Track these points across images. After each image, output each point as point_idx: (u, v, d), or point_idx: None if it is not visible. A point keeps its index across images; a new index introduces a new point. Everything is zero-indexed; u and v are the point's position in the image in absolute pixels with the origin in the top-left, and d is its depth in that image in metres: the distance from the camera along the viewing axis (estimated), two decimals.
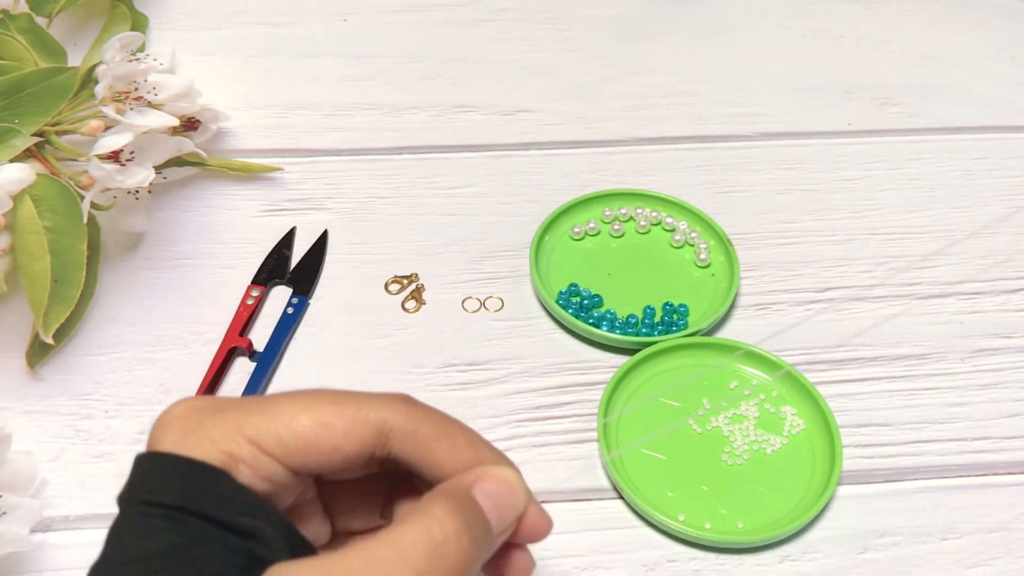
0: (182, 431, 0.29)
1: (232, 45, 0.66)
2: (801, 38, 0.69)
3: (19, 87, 0.50)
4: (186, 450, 0.29)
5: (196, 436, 0.29)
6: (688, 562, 0.42)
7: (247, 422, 0.29)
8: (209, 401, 0.31)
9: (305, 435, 0.29)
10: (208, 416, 0.30)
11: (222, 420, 0.29)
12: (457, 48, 0.67)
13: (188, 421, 0.30)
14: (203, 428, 0.29)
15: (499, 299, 0.52)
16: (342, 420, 0.30)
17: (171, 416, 0.30)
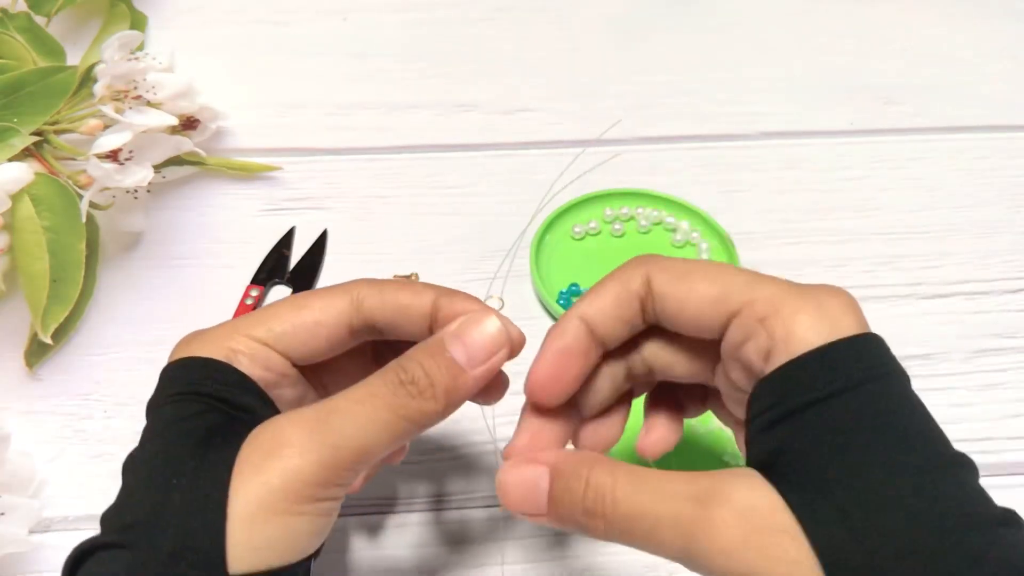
0: (186, 343, 0.34)
1: (231, 44, 0.66)
2: (803, 37, 0.69)
3: (18, 86, 0.50)
4: (190, 353, 0.34)
5: (199, 342, 0.34)
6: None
7: (241, 324, 0.34)
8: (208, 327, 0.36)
9: (288, 318, 0.34)
10: (207, 330, 0.35)
11: (221, 327, 0.35)
12: (457, 48, 0.67)
13: (191, 337, 0.35)
14: (204, 335, 0.34)
15: (499, 299, 0.52)
16: (319, 300, 0.35)
17: (178, 342, 0.35)
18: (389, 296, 0.35)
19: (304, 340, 0.34)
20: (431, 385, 0.32)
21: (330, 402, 0.32)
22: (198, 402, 0.32)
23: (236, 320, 0.35)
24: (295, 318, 0.34)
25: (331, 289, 0.35)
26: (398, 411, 0.31)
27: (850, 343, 0.30)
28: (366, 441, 0.31)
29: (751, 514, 0.29)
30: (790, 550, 0.28)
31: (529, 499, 0.32)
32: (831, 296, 0.31)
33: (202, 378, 0.33)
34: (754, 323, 0.31)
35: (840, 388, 0.30)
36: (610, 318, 0.34)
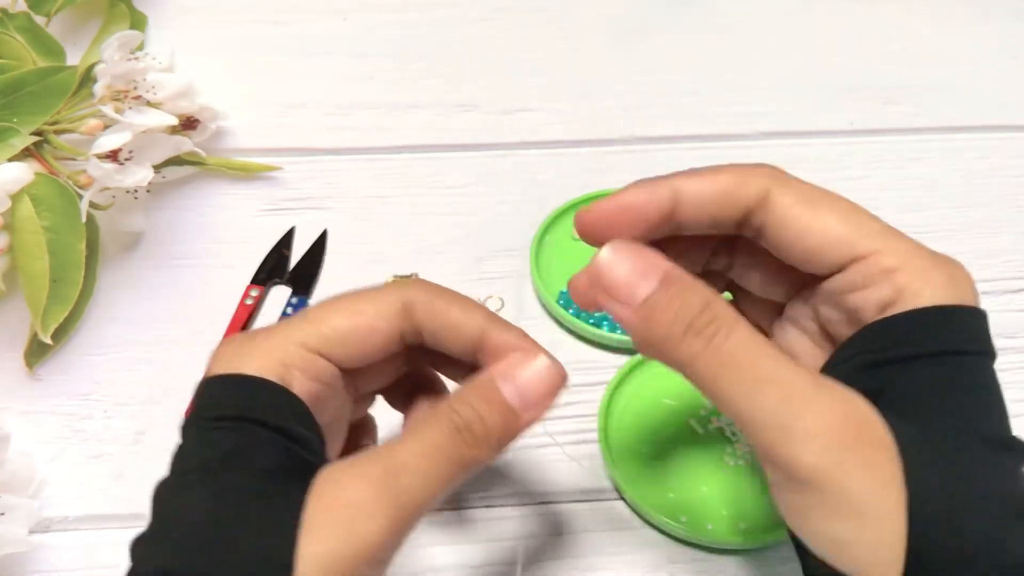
0: (233, 353, 0.32)
1: (231, 44, 0.66)
2: (803, 37, 0.69)
3: (17, 86, 0.50)
4: (239, 367, 0.32)
5: (248, 352, 0.32)
6: (690, 563, 0.42)
7: (293, 331, 0.33)
8: (252, 331, 0.34)
9: (344, 326, 0.33)
10: (253, 338, 0.33)
11: (269, 336, 0.33)
12: (457, 47, 0.67)
13: (237, 345, 0.33)
14: (253, 344, 0.32)
15: (499, 299, 0.52)
16: (372, 305, 0.33)
17: (220, 346, 0.33)
18: (440, 309, 0.34)
19: (359, 347, 0.33)
20: (486, 433, 0.31)
21: (395, 456, 0.30)
22: (253, 433, 0.30)
23: (288, 325, 0.33)
24: (349, 323, 0.33)
25: (382, 292, 0.34)
26: (457, 462, 0.31)
27: (975, 312, 0.31)
28: (431, 498, 0.30)
29: (865, 422, 0.28)
30: (886, 468, 0.28)
31: (628, 285, 0.30)
32: (960, 269, 0.32)
33: (255, 402, 0.31)
34: (879, 272, 0.30)
35: (957, 349, 0.30)
36: (704, 207, 0.32)
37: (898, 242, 0.31)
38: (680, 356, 0.29)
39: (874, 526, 0.27)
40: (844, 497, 0.28)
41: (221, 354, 0.33)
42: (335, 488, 0.29)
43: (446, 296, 0.34)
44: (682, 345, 0.29)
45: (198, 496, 0.30)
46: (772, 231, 0.32)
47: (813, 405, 0.28)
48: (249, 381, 0.31)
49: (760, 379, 0.28)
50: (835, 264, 0.31)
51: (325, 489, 0.29)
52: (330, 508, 0.29)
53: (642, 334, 0.30)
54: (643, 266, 0.30)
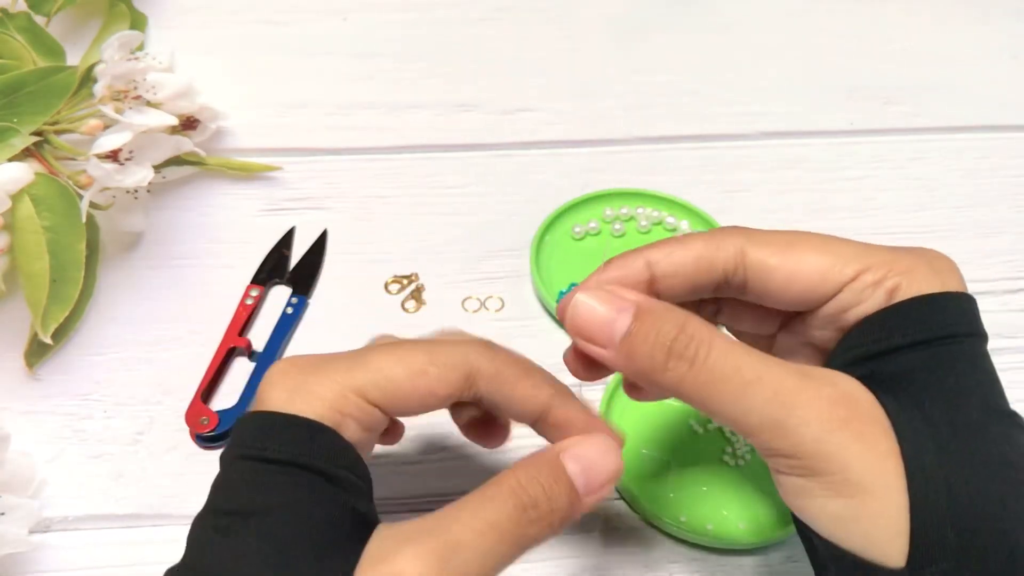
0: (288, 389, 0.32)
1: (231, 44, 0.66)
2: (803, 37, 0.69)
3: (18, 86, 0.50)
4: (294, 408, 0.31)
5: (303, 394, 0.31)
6: (690, 563, 0.42)
7: (351, 377, 0.32)
8: (308, 360, 0.33)
9: (404, 385, 0.32)
10: (311, 374, 0.32)
11: (327, 376, 0.32)
12: (457, 47, 0.67)
13: (292, 379, 0.32)
14: (308, 385, 0.32)
15: (499, 299, 0.52)
16: (435, 368, 0.32)
17: (275, 375, 0.32)
18: (507, 382, 0.33)
19: (415, 406, 0.33)
20: (551, 512, 0.30)
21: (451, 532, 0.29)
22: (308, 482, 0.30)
23: (347, 368, 0.32)
24: (410, 385, 0.32)
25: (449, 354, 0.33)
26: (517, 540, 0.30)
27: (960, 296, 0.32)
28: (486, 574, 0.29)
29: (853, 400, 0.30)
30: (882, 441, 0.29)
31: (603, 328, 0.31)
32: (941, 260, 0.33)
33: (312, 449, 0.30)
34: (869, 288, 0.32)
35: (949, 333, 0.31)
36: (680, 277, 0.33)
37: (880, 253, 0.33)
38: (668, 381, 0.31)
39: (876, 499, 0.28)
40: (844, 474, 0.29)
41: (274, 385, 0.32)
42: (391, 562, 0.29)
43: (514, 368, 0.34)
44: (667, 371, 0.30)
45: (251, 547, 0.29)
46: (756, 285, 0.33)
47: (802, 395, 0.29)
48: (305, 424, 0.31)
49: (746, 383, 0.30)
50: (826, 295, 0.33)
51: (380, 561, 0.29)
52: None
53: (628, 369, 0.31)
54: (615, 305, 0.31)
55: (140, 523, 0.43)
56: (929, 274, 0.32)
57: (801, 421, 0.29)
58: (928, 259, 0.33)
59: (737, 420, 0.30)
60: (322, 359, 0.33)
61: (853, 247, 0.33)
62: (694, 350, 0.30)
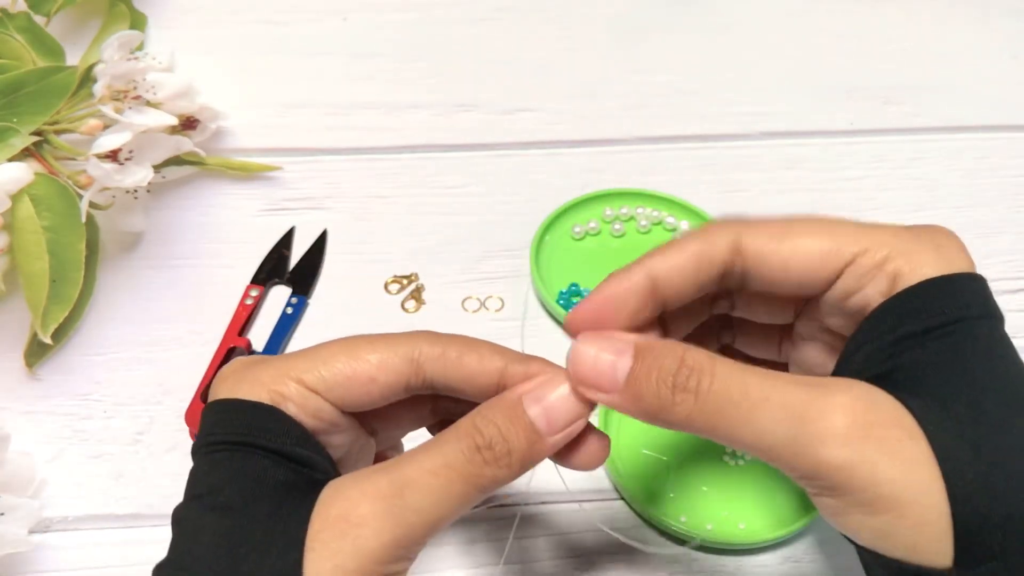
0: (234, 380, 0.32)
1: (231, 44, 0.66)
2: (803, 37, 0.69)
3: (17, 86, 0.50)
4: (240, 394, 0.32)
5: (247, 381, 0.32)
6: (690, 563, 0.42)
7: (291, 365, 0.32)
8: (256, 356, 0.34)
9: (343, 370, 0.32)
10: (256, 365, 0.33)
11: (270, 366, 0.32)
12: (457, 47, 0.67)
13: (239, 372, 0.33)
14: (253, 374, 0.32)
15: (499, 299, 0.52)
16: (375, 354, 0.32)
17: (224, 372, 0.33)
18: (452, 361, 0.32)
19: (356, 394, 0.32)
20: (508, 452, 0.30)
21: (403, 471, 0.30)
22: (256, 456, 0.31)
23: (287, 359, 0.33)
24: (349, 370, 0.32)
25: (391, 342, 0.33)
26: (472, 480, 0.30)
27: (969, 277, 0.31)
28: (440, 515, 0.30)
29: (872, 406, 0.28)
30: (909, 447, 0.28)
31: (605, 374, 0.31)
32: (944, 237, 0.32)
33: (254, 426, 0.31)
34: (872, 269, 0.31)
35: (960, 317, 0.30)
36: (681, 279, 0.33)
37: (879, 234, 0.32)
38: (678, 417, 0.30)
39: (913, 510, 0.27)
40: (876, 490, 0.28)
41: (222, 380, 0.33)
42: (340, 504, 0.29)
43: (457, 346, 0.33)
44: (675, 407, 0.30)
45: (208, 520, 0.30)
46: (756, 273, 0.33)
47: (812, 408, 0.28)
48: (247, 405, 0.31)
49: (753, 404, 0.29)
50: (828, 279, 0.32)
51: (331, 505, 0.29)
52: (335, 524, 0.29)
53: (637, 411, 0.31)
54: (612, 348, 0.31)
55: (140, 523, 0.43)
56: (933, 255, 0.31)
57: (816, 437, 0.28)
58: (931, 237, 0.32)
59: (753, 444, 0.29)
60: (270, 356, 0.34)
61: (850, 227, 0.32)
62: (696, 380, 0.29)
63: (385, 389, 0.32)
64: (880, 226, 0.33)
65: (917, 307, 0.31)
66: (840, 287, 0.32)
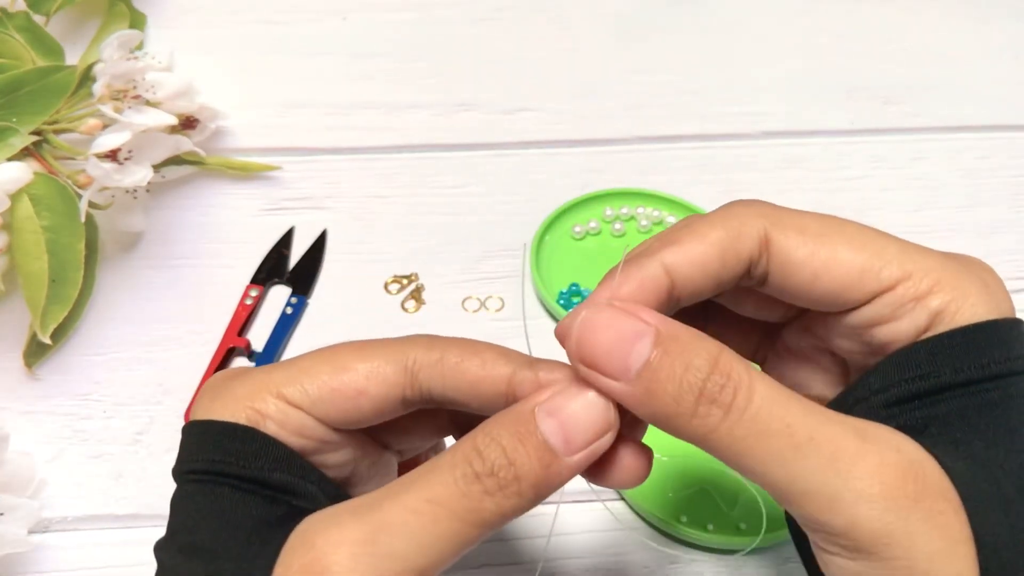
0: (211, 398, 0.30)
1: (231, 43, 0.66)
2: (803, 37, 0.69)
3: (17, 85, 0.50)
4: (214, 414, 0.29)
5: (223, 399, 0.29)
6: (690, 563, 0.42)
7: (271, 379, 0.29)
8: (237, 369, 0.31)
9: (328, 382, 0.29)
10: (233, 380, 0.30)
11: (248, 380, 0.29)
12: (457, 47, 0.67)
13: (215, 388, 0.30)
14: (229, 390, 0.29)
15: (499, 299, 0.52)
16: (365, 364, 0.29)
17: (203, 388, 0.31)
18: (451, 368, 0.28)
19: (344, 409, 0.29)
20: (516, 478, 0.25)
21: (379, 511, 0.25)
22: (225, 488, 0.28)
23: (266, 371, 0.29)
24: (333, 382, 0.29)
25: (381, 349, 0.29)
26: (468, 517, 0.25)
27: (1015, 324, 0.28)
28: (429, 561, 0.25)
29: (922, 473, 0.25)
30: (953, 522, 0.25)
31: (615, 355, 0.25)
32: (989, 273, 0.29)
33: (223, 451, 0.28)
34: (911, 301, 0.27)
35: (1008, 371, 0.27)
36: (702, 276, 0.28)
37: (924, 259, 0.28)
38: (695, 432, 0.26)
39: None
40: (910, 561, 0.24)
41: (201, 396, 0.30)
42: (306, 552, 0.25)
43: (457, 350, 0.29)
44: (695, 419, 0.25)
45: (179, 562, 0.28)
46: (780, 278, 0.28)
47: (862, 463, 0.24)
48: (218, 428, 0.29)
49: (797, 444, 0.24)
50: (857, 301, 0.28)
51: (297, 551, 0.26)
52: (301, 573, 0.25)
53: (643, 410, 0.26)
54: (630, 328, 0.26)
55: (140, 523, 0.43)
56: (982, 293, 0.28)
57: (861, 494, 0.24)
58: (978, 272, 0.29)
59: (779, 484, 0.25)
60: (252, 368, 0.31)
61: (895, 246, 0.28)
62: (732, 393, 0.25)
63: (378, 403, 0.29)
64: (925, 251, 0.29)
65: (961, 354, 0.27)
66: (869, 312, 0.28)
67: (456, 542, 0.25)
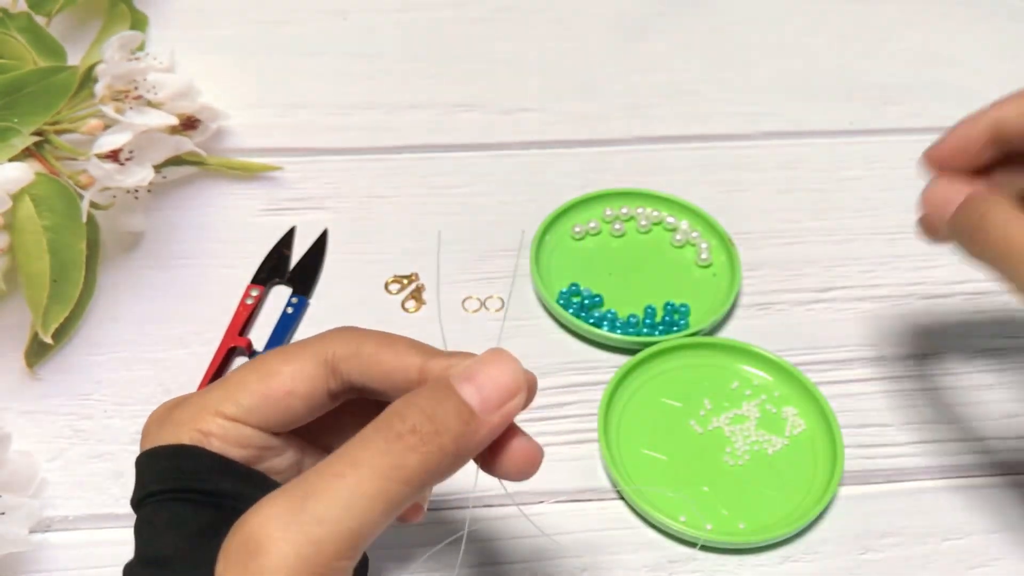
0: (156, 428, 0.32)
1: (232, 44, 0.66)
2: (802, 37, 0.69)
3: (18, 86, 0.50)
4: (161, 440, 0.31)
5: (168, 426, 0.31)
6: (689, 563, 0.42)
7: (207, 399, 0.31)
8: (178, 398, 0.33)
9: (259, 390, 0.31)
10: (174, 409, 0.32)
11: (187, 406, 0.32)
12: (457, 47, 0.67)
13: (159, 419, 0.32)
14: (172, 418, 0.31)
15: (499, 299, 0.52)
16: (288, 366, 0.31)
17: (147, 421, 0.33)
18: (367, 359, 0.31)
19: (277, 411, 0.31)
20: (437, 434, 0.27)
21: (306, 482, 0.27)
22: (176, 503, 0.30)
23: (204, 395, 0.32)
24: (263, 389, 0.31)
25: (302, 350, 0.31)
26: (392, 474, 0.26)
27: None
28: (354, 523, 0.26)
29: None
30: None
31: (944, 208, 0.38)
32: None
33: (175, 470, 0.30)
34: None
35: None
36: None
37: None
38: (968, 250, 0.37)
39: None
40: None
41: (148, 429, 0.32)
42: (241, 532, 0.26)
43: (373, 343, 0.31)
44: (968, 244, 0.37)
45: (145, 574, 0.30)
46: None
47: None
48: (167, 451, 0.30)
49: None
50: None
51: (237, 532, 0.27)
52: (237, 556, 0.26)
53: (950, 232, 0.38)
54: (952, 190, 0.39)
55: None
56: None
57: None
58: None
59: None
60: (191, 393, 0.33)
61: None
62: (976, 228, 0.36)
63: (307, 400, 0.31)
64: None
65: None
66: None
67: (384, 500, 0.26)
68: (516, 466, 0.30)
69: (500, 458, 0.30)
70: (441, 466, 0.27)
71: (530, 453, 0.30)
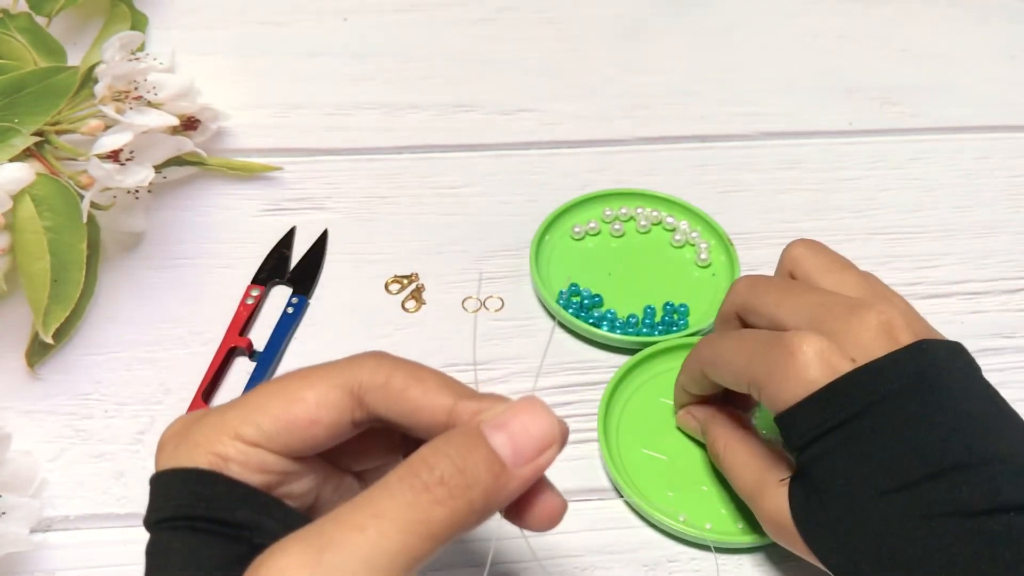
0: (173, 446, 0.30)
1: (232, 44, 0.66)
2: (802, 37, 0.69)
3: (19, 86, 0.50)
4: (178, 462, 0.30)
5: (185, 446, 0.30)
6: (688, 562, 0.42)
7: (226, 421, 0.30)
8: (196, 413, 0.32)
9: (282, 416, 0.29)
10: (193, 426, 0.30)
11: (205, 425, 0.30)
12: (457, 48, 0.67)
13: (177, 436, 0.30)
14: (190, 437, 0.30)
15: (499, 299, 0.52)
16: (313, 392, 0.30)
17: (164, 436, 0.31)
18: (395, 393, 0.29)
19: (300, 439, 0.30)
20: (466, 487, 0.26)
21: (324, 532, 0.25)
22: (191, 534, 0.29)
23: (222, 413, 0.30)
24: (286, 415, 0.29)
25: (327, 375, 0.30)
26: (417, 529, 0.25)
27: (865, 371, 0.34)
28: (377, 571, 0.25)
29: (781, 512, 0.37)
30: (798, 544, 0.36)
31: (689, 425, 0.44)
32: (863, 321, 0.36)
33: (190, 496, 0.29)
34: None
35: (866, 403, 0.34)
36: None
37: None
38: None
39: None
40: None
41: (163, 445, 0.31)
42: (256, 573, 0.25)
43: (403, 375, 0.30)
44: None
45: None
46: None
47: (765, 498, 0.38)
48: (181, 476, 0.29)
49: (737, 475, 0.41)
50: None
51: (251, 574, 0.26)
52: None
53: None
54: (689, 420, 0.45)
55: (140, 523, 0.43)
56: None
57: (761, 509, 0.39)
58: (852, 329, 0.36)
59: None
60: (209, 409, 0.31)
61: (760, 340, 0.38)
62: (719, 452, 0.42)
63: (331, 429, 0.30)
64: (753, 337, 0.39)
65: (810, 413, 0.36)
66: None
67: (407, 557, 0.25)
68: (539, 521, 0.29)
69: (524, 511, 0.29)
70: (468, 521, 0.26)
71: (554, 509, 0.30)
